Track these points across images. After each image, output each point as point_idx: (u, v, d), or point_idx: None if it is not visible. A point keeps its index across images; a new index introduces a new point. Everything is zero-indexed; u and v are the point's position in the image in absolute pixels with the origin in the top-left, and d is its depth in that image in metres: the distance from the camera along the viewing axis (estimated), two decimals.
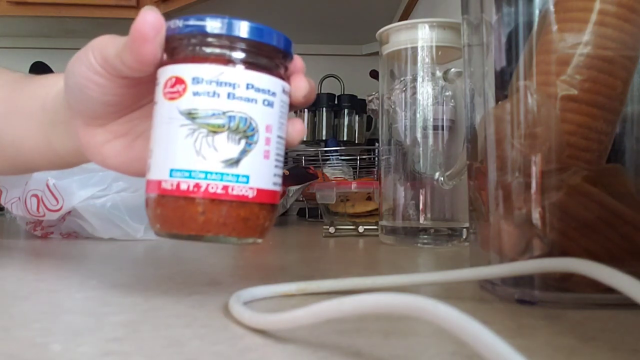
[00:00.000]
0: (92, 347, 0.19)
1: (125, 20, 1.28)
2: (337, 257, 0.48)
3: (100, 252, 0.49)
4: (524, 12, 0.29)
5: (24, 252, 0.49)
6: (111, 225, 0.59)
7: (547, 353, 0.19)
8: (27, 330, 0.22)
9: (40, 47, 1.51)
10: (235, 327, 0.22)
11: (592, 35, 0.27)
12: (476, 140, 0.32)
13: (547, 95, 0.27)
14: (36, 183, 0.57)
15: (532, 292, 0.26)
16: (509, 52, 0.29)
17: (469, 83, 0.34)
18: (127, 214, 0.60)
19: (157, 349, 0.19)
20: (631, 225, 0.26)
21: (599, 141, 0.27)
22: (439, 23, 0.58)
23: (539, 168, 0.27)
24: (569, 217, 0.26)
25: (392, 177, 0.59)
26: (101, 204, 0.58)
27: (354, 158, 1.17)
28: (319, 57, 1.58)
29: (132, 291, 0.30)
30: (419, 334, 0.21)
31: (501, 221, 0.28)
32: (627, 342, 0.21)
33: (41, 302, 0.27)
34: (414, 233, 0.57)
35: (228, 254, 0.50)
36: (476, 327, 0.15)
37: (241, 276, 0.36)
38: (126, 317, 0.24)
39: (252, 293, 0.27)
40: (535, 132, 0.27)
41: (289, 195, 0.92)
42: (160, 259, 0.46)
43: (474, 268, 0.28)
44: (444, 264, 0.44)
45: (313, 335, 0.21)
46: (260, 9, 1.31)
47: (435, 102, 0.57)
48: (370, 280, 0.29)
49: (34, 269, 0.39)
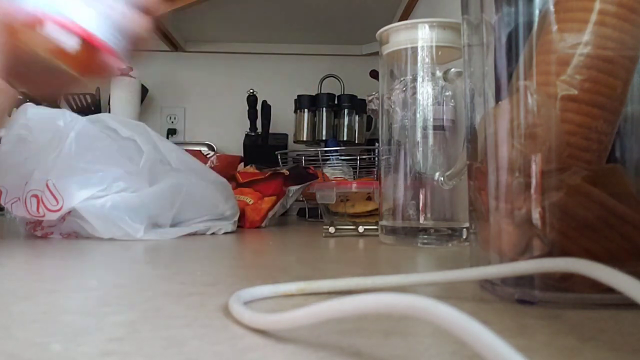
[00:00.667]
0: (92, 347, 0.19)
1: None
2: (337, 257, 0.48)
3: (100, 252, 0.49)
4: (524, 12, 0.29)
5: (24, 252, 0.49)
6: (111, 225, 0.59)
7: (547, 353, 0.19)
8: (27, 330, 0.22)
9: None
10: (235, 327, 0.22)
11: (592, 35, 0.27)
12: (476, 140, 0.32)
13: (547, 95, 0.27)
14: (36, 183, 0.57)
15: (532, 292, 0.26)
16: (509, 52, 0.29)
17: (469, 83, 0.34)
18: (127, 214, 0.60)
19: (157, 349, 0.19)
20: (631, 225, 0.26)
21: (599, 141, 0.27)
22: (439, 23, 0.58)
23: (539, 168, 0.27)
24: (569, 217, 0.26)
25: (392, 177, 0.59)
26: (101, 204, 0.58)
27: (354, 158, 1.17)
28: (319, 57, 1.58)
29: (132, 291, 0.30)
30: (419, 334, 0.21)
31: (501, 221, 0.28)
32: (627, 342, 0.21)
33: (41, 302, 0.27)
34: (414, 233, 0.57)
35: (228, 254, 0.50)
36: (476, 327, 0.15)
37: (241, 276, 0.36)
38: (126, 317, 0.24)
39: (252, 293, 0.27)
40: (535, 132, 0.27)
41: (289, 195, 0.92)
42: (160, 259, 0.46)
43: (474, 268, 0.28)
44: (444, 264, 0.44)
45: (313, 335, 0.21)
46: (260, 9, 1.31)
47: (435, 102, 0.57)
48: (370, 280, 0.29)
49: (34, 269, 0.39)
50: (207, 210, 0.71)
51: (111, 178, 0.60)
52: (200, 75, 1.60)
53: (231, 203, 0.76)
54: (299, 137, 1.34)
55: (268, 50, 1.58)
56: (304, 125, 1.34)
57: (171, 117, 1.59)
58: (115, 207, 0.59)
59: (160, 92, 1.59)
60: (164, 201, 0.64)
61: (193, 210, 0.69)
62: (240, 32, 1.49)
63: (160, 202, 0.63)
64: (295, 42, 1.56)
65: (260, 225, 0.86)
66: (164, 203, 0.64)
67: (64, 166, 0.58)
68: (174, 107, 1.59)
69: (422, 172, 0.57)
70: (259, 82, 1.54)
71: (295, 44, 1.58)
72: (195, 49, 1.59)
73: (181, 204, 0.66)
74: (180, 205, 0.66)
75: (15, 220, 0.67)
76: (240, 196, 0.87)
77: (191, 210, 0.69)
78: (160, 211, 0.64)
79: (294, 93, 1.37)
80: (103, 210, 0.58)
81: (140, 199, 0.61)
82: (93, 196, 0.58)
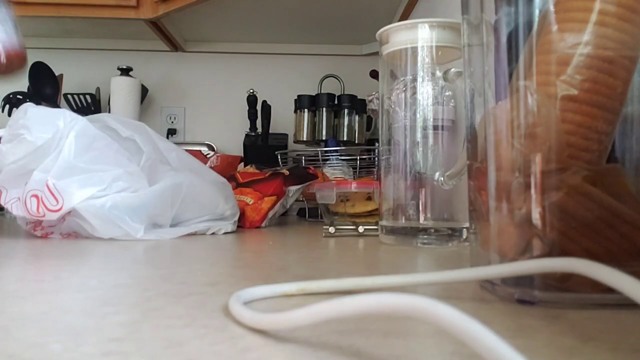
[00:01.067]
0: (92, 347, 0.19)
1: (125, 21, 1.28)
2: (337, 257, 0.48)
3: (100, 252, 0.49)
4: (524, 12, 0.29)
5: (24, 252, 0.49)
6: (111, 225, 0.59)
7: (547, 353, 0.19)
8: (27, 330, 0.22)
9: (40, 47, 1.52)
10: (235, 327, 0.22)
11: (592, 35, 0.27)
12: (476, 140, 0.32)
13: (547, 95, 0.27)
14: (36, 183, 0.57)
15: (532, 292, 0.26)
16: (509, 52, 0.29)
17: (469, 83, 0.34)
18: (127, 214, 0.60)
19: (157, 349, 0.19)
20: (631, 225, 0.26)
21: (599, 141, 0.27)
22: (439, 23, 0.58)
23: (539, 168, 0.27)
24: (569, 217, 0.26)
25: (392, 177, 0.59)
26: (101, 204, 0.58)
27: (354, 158, 1.17)
28: (319, 57, 1.59)
29: (132, 291, 0.30)
30: (419, 334, 0.21)
31: (501, 221, 0.28)
32: (627, 342, 0.21)
33: (41, 302, 0.27)
34: (414, 233, 0.57)
35: (228, 254, 0.50)
36: (476, 327, 0.15)
37: (241, 276, 0.36)
38: (126, 317, 0.24)
39: (252, 293, 0.27)
40: (535, 132, 0.27)
41: (289, 195, 0.92)
42: (160, 259, 0.46)
43: (474, 268, 0.28)
44: (444, 264, 0.44)
45: (313, 336, 0.21)
46: (260, 9, 1.31)
47: (435, 102, 0.57)
48: (370, 280, 0.29)
49: (34, 269, 0.39)
50: (207, 210, 0.72)
51: (111, 178, 0.60)
52: (200, 75, 1.60)
53: (231, 203, 0.76)
54: (299, 137, 1.34)
55: (268, 50, 1.58)
56: (304, 125, 1.34)
57: (171, 117, 1.59)
58: (115, 207, 0.59)
59: (160, 92, 1.59)
60: (164, 201, 0.64)
61: (193, 210, 0.69)
62: (240, 32, 1.49)
63: (160, 201, 0.63)
64: (295, 42, 1.56)
65: (260, 225, 0.86)
66: (163, 203, 0.64)
67: (63, 166, 0.58)
68: (174, 107, 1.59)
69: (422, 172, 0.57)
70: (259, 82, 1.54)
71: (295, 44, 1.58)
72: (195, 49, 1.59)
73: (181, 204, 0.66)
74: (181, 205, 0.67)
75: (15, 220, 0.67)
76: (240, 196, 0.87)
77: (191, 210, 0.69)
78: (160, 211, 0.64)
79: (294, 93, 1.37)
80: (103, 210, 0.58)
81: (140, 199, 0.61)
82: (93, 196, 0.58)
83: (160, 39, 1.46)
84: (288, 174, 0.92)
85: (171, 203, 0.65)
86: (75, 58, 1.56)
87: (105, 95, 1.48)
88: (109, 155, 0.62)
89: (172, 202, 0.65)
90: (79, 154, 0.59)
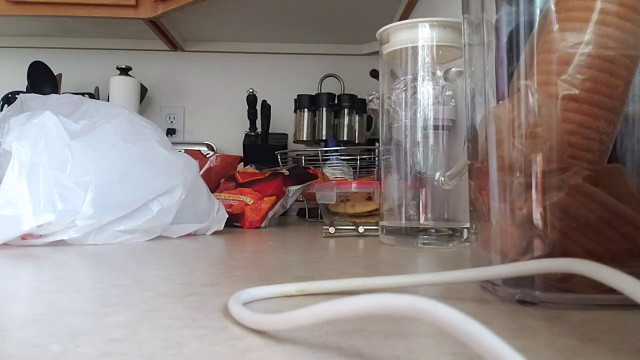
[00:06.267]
0: (91, 347, 0.19)
1: (124, 20, 1.28)
2: (337, 258, 0.48)
3: (101, 252, 0.49)
4: (525, 12, 0.28)
5: (24, 252, 0.49)
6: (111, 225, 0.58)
7: (548, 354, 0.19)
8: (26, 330, 0.21)
9: (39, 46, 1.52)
10: (235, 328, 0.22)
11: (594, 35, 0.26)
12: (477, 140, 0.32)
13: (548, 95, 0.27)
14: None
15: (533, 292, 0.26)
16: (510, 51, 0.29)
17: (470, 82, 0.34)
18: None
19: (156, 349, 0.19)
20: (632, 226, 0.26)
21: (600, 141, 0.27)
22: (440, 22, 0.58)
23: (540, 168, 0.27)
24: (570, 217, 0.26)
25: (393, 177, 0.59)
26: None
27: (354, 158, 1.17)
28: (319, 56, 1.58)
29: (131, 291, 0.30)
30: (420, 335, 0.21)
31: (502, 221, 0.28)
32: (628, 343, 0.21)
33: (40, 303, 0.27)
34: (415, 233, 0.57)
35: (228, 254, 0.50)
36: (477, 327, 0.15)
37: (241, 277, 0.36)
38: (125, 318, 0.24)
39: (252, 294, 0.27)
40: (536, 131, 0.27)
41: (289, 195, 0.92)
42: (160, 259, 0.46)
43: (474, 268, 0.28)
44: (444, 264, 0.44)
45: (313, 336, 0.21)
46: (260, 9, 1.31)
47: (436, 101, 0.57)
48: (371, 280, 0.29)
49: (33, 270, 0.38)
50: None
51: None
52: (200, 74, 1.60)
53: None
54: (299, 137, 1.34)
55: (268, 50, 1.58)
56: (303, 125, 1.33)
57: (170, 117, 1.59)
58: None
59: (159, 92, 1.59)
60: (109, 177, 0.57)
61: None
62: (240, 31, 1.49)
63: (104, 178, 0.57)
64: (295, 41, 1.56)
65: (260, 226, 0.86)
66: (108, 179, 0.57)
67: None
68: (173, 107, 1.59)
69: (423, 172, 0.57)
70: (258, 82, 1.54)
71: (295, 44, 1.58)
72: (195, 48, 1.59)
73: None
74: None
75: None
76: (240, 196, 0.87)
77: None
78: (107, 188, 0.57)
79: (293, 93, 1.37)
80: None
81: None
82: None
83: (160, 38, 1.45)
84: (288, 174, 0.92)
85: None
86: (74, 57, 1.56)
87: (104, 94, 1.48)
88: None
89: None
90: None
